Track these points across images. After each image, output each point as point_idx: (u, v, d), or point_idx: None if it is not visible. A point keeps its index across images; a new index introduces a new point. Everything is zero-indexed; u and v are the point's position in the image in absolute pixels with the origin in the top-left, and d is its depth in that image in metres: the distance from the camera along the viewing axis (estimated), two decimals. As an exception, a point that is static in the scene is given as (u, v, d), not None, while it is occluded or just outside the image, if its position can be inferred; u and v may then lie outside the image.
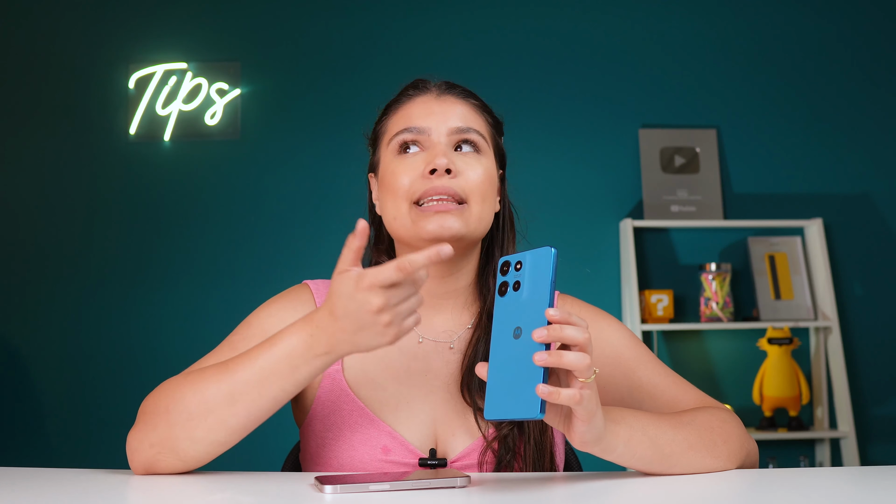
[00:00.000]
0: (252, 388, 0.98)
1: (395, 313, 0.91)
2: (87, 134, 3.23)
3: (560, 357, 0.87)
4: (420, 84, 1.23)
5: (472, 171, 1.15)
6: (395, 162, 1.17)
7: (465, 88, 1.24)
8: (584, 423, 0.91)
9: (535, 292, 0.91)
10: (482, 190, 1.15)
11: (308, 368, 0.97)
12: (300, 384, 0.99)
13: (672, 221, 3.20)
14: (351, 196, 3.11)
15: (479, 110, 1.22)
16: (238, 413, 0.98)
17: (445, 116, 1.18)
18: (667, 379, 1.20)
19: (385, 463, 1.13)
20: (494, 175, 1.20)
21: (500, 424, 1.13)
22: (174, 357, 3.11)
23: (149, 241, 3.20)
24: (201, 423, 0.99)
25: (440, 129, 1.17)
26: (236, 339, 1.16)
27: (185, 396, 1.00)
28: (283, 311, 1.19)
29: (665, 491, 0.96)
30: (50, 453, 3.11)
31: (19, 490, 0.96)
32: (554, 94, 3.30)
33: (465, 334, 1.21)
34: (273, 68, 3.29)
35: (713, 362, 3.25)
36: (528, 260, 0.93)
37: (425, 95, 1.21)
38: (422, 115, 1.18)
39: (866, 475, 1.11)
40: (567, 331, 0.88)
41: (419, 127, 1.17)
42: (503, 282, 0.95)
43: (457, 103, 1.20)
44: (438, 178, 1.12)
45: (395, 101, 1.24)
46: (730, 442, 1.08)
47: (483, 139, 1.19)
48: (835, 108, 3.37)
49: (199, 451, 1.00)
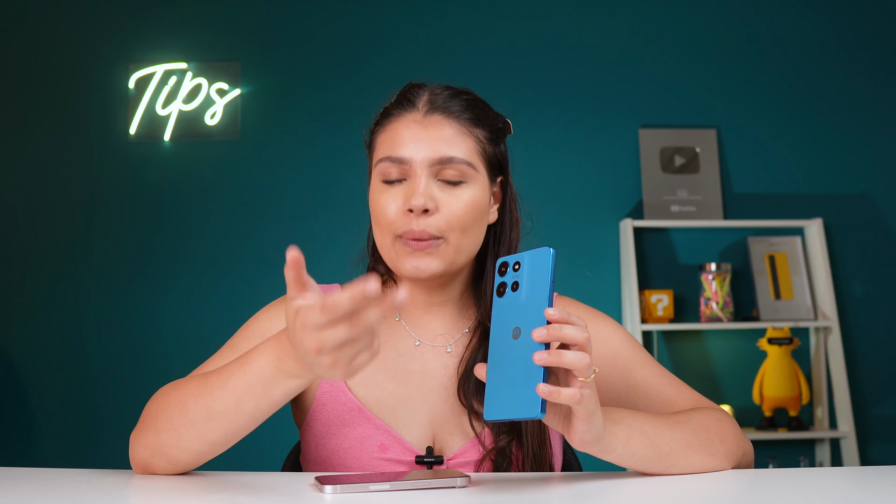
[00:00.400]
0: (228, 407, 0.97)
1: (337, 356, 0.84)
2: (87, 134, 3.23)
3: (560, 356, 0.87)
4: (408, 99, 1.18)
5: (453, 203, 1.13)
6: (378, 190, 1.17)
7: (459, 98, 1.17)
8: (583, 423, 0.91)
9: (534, 292, 0.91)
10: (462, 223, 1.13)
11: (281, 389, 0.95)
12: (276, 403, 0.97)
13: (672, 221, 3.20)
14: (351, 196, 3.12)
15: (470, 126, 1.16)
16: (216, 428, 0.98)
17: (428, 144, 1.13)
18: (663, 379, 1.20)
19: (382, 461, 1.14)
20: (482, 200, 1.16)
21: (499, 435, 1.13)
22: (174, 358, 3.11)
23: (149, 241, 3.20)
24: (185, 434, 1.00)
25: (421, 158, 1.13)
26: (236, 341, 1.17)
27: (170, 406, 1.01)
28: (282, 313, 1.20)
29: (664, 491, 0.96)
30: (50, 453, 3.11)
31: (20, 490, 0.96)
32: (554, 94, 3.30)
33: (461, 338, 1.22)
34: (273, 68, 3.29)
35: (713, 362, 3.25)
36: (526, 260, 0.93)
37: (412, 114, 1.16)
38: (404, 142, 1.14)
39: (866, 475, 1.11)
40: (567, 330, 0.88)
41: (400, 157, 1.14)
42: (501, 283, 0.94)
43: (443, 125, 1.14)
44: (416, 217, 1.12)
45: (384, 114, 1.20)
46: (726, 441, 1.09)
47: (469, 166, 1.14)
48: (835, 108, 3.37)
49: (186, 458, 1.02)
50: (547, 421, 0.93)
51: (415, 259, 1.13)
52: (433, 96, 1.17)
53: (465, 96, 1.18)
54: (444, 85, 1.20)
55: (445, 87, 1.19)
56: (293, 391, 0.95)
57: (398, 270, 1.15)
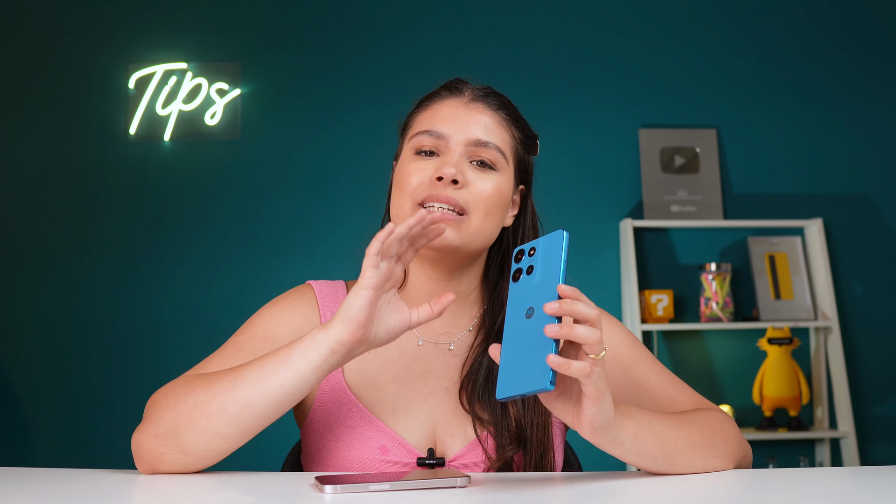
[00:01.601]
0: (252, 373, 0.99)
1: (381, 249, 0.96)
2: (87, 134, 3.23)
3: (571, 329, 0.87)
4: (455, 85, 1.22)
5: (481, 183, 1.15)
6: (410, 161, 1.18)
7: (502, 98, 1.22)
8: (594, 403, 0.91)
9: (547, 273, 0.92)
10: (487, 204, 1.15)
11: (311, 356, 0.98)
12: (302, 375, 0.98)
13: (672, 221, 3.20)
14: (351, 196, 3.12)
15: (508, 123, 1.20)
16: (236, 399, 0.99)
17: (467, 125, 1.17)
18: (664, 379, 1.21)
19: (383, 463, 1.13)
20: (507, 192, 1.19)
21: (505, 447, 1.13)
22: (174, 357, 3.11)
23: (148, 241, 3.20)
24: (204, 412, 0.99)
25: (459, 137, 1.16)
26: (240, 339, 1.16)
27: (196, 388, 1.01)
28: (287, 311, 1.20)
29: (665, 491, 0.96)
30: (43, 452, 3.11)
31: (22, 490, 0.96)
32: (554, 93, 3.30)
33: (465, 337, 1.22)
34: (273, 68, 3.29)
35: (713, 362, 3.25)
36: (541, 245, 0.94)
37: (456, 99, 1.20)
38: (445, 120, 1.17)
39: (866, 475, 1.11)
40: (578, 306, 0.88)
41: (438, 132, 1.17)
42: (517, 269, 0.95)
43: (484, 113, 1.19)
44: (444, 186, 1.13)
45: (428, 97, 1.24)
46: (729, 442, 1.09)
47: (501, 155, 1.17)
48: (834, 109, 3.37)
49: (199, 442, 1.00)
50: (557, 409, 0.93)
51: None
52: (477, 90, 1.22)
53: (506, 99, 1.23)
54: (487, 85, 1.25)
55: (488, 86, 1.24)
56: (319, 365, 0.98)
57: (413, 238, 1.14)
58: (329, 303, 1.22)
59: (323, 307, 1.21)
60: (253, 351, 1.13)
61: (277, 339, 1.15)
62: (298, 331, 1.17)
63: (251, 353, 1.12)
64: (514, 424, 1.14)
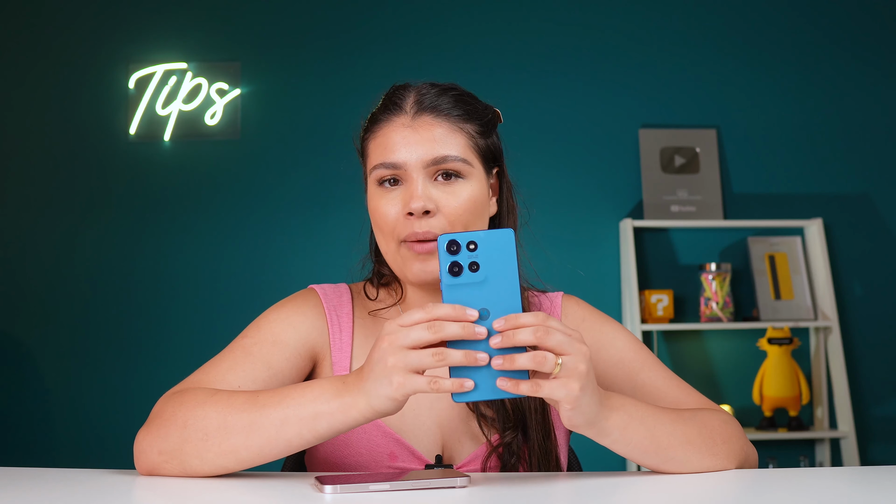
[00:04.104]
0: (272, 426, 0.97)
1: (400, 355, 0.89)
2: (87, 134, 3.23)
3: (513, 362, 0.88)
4: (394, 101, 1.17)
5: (452, 200, 1.13)
6: (377, 195, 1.16)
7: (447, 95, 1.16)
8: (568, 408, 0.92)
9: (500, 276, 0.91)
10: (464, 217, 1.13)
11: (328, 420, 0.95)
12: (319, 434, 0.97)
13: (672, 221, 3.20)
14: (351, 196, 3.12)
15: (460, 123, 1.15)
16: (251, 446, 0.97)
17: (420, 146, 1.13)
18: (669, 382, 1.20)
19: (392, 469, 1.14)
20: (481, 193, 1.16)
21: (504, 432, 1.13)
22: (174, 357, 3.11)
23: (148, 241, 3.20)
24: (214, 447, 0.98)
25: (415, 162, 1.12)
26: (248, 342, 1.15)
27: (207, 415, 0.99)
28: (293, 315, 1.19)
29: (665, 491, 0.96)
30: (44, 454, 3.11)
31: (22, 490, 0.96)
32: (554, 93, 3.30)
33: None
34: (273, 68, 3.29)
35: (713, 362, 3.25)
36: (483, 241, 0.92)
37: (400, 118, 1.15)
38: (396, 148, 1.14)
39: (866, 475, 1.11)
40: (520, 336, 0.89)
41: (394, 162, 1.13)
42: (454, 261, 0.92)
43: (433, 125, 1.14)
44: (417, 220, 1.12)
45: (372, 120, 1.20)
46: (730, 442, 1.08)
47: (463, 162, 1.14)
48: (834, 109, 3.37)
49: (204, 469, 1.00)
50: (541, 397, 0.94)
51: (420, 262, 1.13)
52: (420, 96, 1.16)
53: (452, 92, 1.18)
54: (429, 83, 1.19)
55: (431, 84, 1.18)
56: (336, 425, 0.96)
57: (405, 276, 1.15)
58: (334, 307, 1.22)
59: (329, 312, 1.21)
60: (262, 355, 1.13)
61: (285, 343, 1.15)
62: (305, 336, 1.17)
63: (260, 358, 1.12)
64: (512, 411, 1.15)
